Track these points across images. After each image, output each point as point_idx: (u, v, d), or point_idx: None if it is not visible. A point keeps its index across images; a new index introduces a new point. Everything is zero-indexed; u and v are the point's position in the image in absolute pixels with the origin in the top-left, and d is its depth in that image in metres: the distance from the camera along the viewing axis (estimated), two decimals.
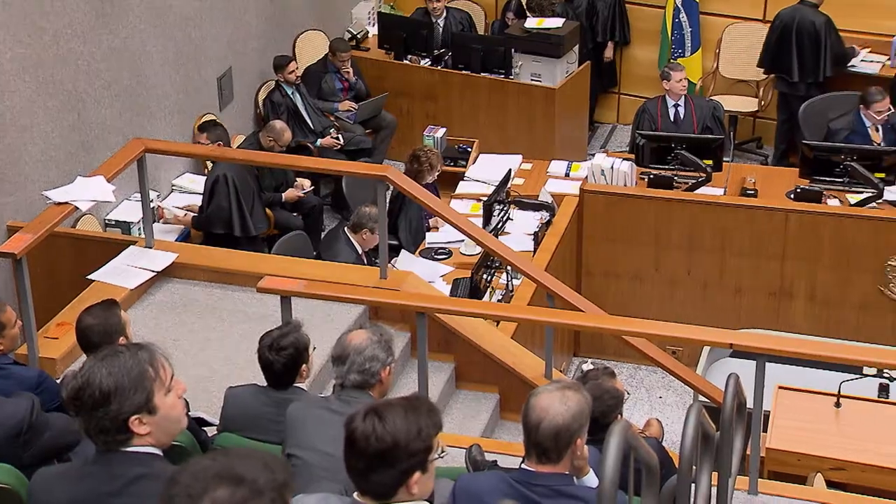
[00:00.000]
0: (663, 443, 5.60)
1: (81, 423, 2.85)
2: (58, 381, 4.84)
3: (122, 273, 6.49)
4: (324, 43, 10.41)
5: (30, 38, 7.08)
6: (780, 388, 6.26)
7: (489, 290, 7.40)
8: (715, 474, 4.15)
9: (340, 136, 9.65)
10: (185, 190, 8.64)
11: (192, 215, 8.17)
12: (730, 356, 7.00)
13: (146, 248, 6.74)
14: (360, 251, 7.56)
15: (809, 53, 9.83)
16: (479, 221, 7.64)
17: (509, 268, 7.26)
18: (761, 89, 10.62)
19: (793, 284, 8.04)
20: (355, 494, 2.90)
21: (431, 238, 8.22)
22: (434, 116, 10.17)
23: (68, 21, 7.39)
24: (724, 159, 8.52)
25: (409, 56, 10.41)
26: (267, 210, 8.38)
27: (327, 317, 6.24)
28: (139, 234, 7.48)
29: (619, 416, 4.74)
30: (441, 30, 10.62)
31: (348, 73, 10.04)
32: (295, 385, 4.67)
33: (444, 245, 8.08)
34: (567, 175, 9.03)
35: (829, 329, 7.88)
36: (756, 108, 10.67)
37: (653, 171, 8.34)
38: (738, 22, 10.62)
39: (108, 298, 4.92)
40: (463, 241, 7.81)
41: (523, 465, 3.53)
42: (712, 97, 10.26)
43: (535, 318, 6.15)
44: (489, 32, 11.06)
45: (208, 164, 8.53)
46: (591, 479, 3.61)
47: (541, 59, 9.83)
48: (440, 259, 7.94)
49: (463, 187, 8.97)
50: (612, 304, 7.75)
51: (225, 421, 4.73)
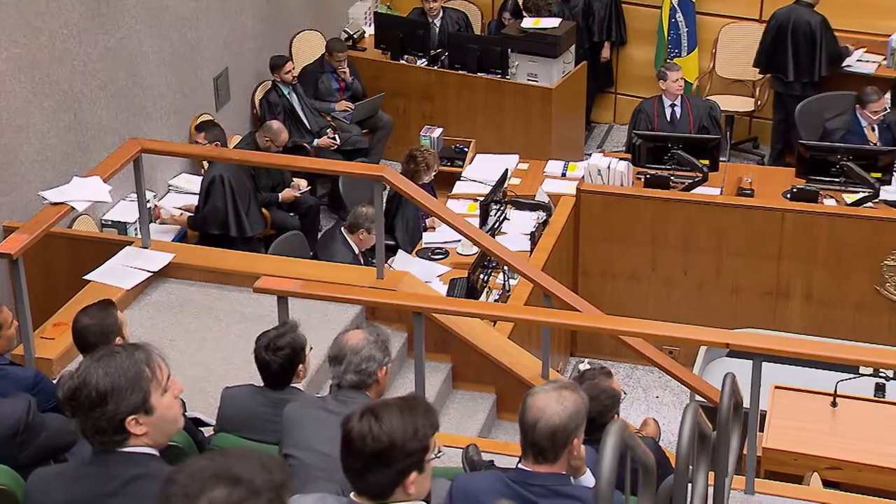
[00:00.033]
0: (660, 442, 5.59)
1: (78, 423, 2.86)
2: (54, 381, 4.84)
3: (118, 273, 6.49)
4: (320, 43, 10.41)
5: (25, 39, 7.07)
6: (776, 387, 6.26)
7: (486, 290, 7.40)
8: (711, 474, 4.15)
9: (337, 136, 9.64)
10: (181, 190, 8.63)
11: (188, 215, 8.16)
12: (726, 356, 7.01)
13: (142, 248, 6.74)
14: (357, 251, 7.55)
15: (805, 53, 9.84)
16: (475, 221, 7.63)
17: (506, 268, 7.26)
18: (757, 89, 10.62)
19: (789, 284, 8.05)
20: (352, 494, 2.90)
21: (428, 238, 8.22)
22: (430, 116, 10.17)
23: (64, 21, 7.38)
24: (721, 159, 8.51)
25: (406, 56, 10.40)
26: (263, 210, 8.38)
27: (324, 317, 6.23)
28: (135, 235, 7.47)
29: (616, 415, 4.74)
30: (437, 30, 10.61)
31: (345, 73, 10.04)
32: (292, 385, 4.67)
33: (440, 245, 8.08)
34: (564, 175, 9.05)
35: (826, 329, 7.88)
36: (752, 108, 10.67)
37: (649, 171, 8.33)
38: (735, 22, 10.62)
39: (105, 299, 4.92)
40: (459, 241, 7.81)
41: (520, 465, 3.53)
42: (709, 97, 10.25)
43: (532, 317, 6.15)
44: (485, 32, 11.05)
45: (205, 165, 8.52)
46: (588, 479, 3.62)
47: (537, 59, 9.83)
48: (437, 259, 7.94)
49: (459, 187, 8.98)
50: (609, 304, 7.75)
51: (221, 421, 4.73)
